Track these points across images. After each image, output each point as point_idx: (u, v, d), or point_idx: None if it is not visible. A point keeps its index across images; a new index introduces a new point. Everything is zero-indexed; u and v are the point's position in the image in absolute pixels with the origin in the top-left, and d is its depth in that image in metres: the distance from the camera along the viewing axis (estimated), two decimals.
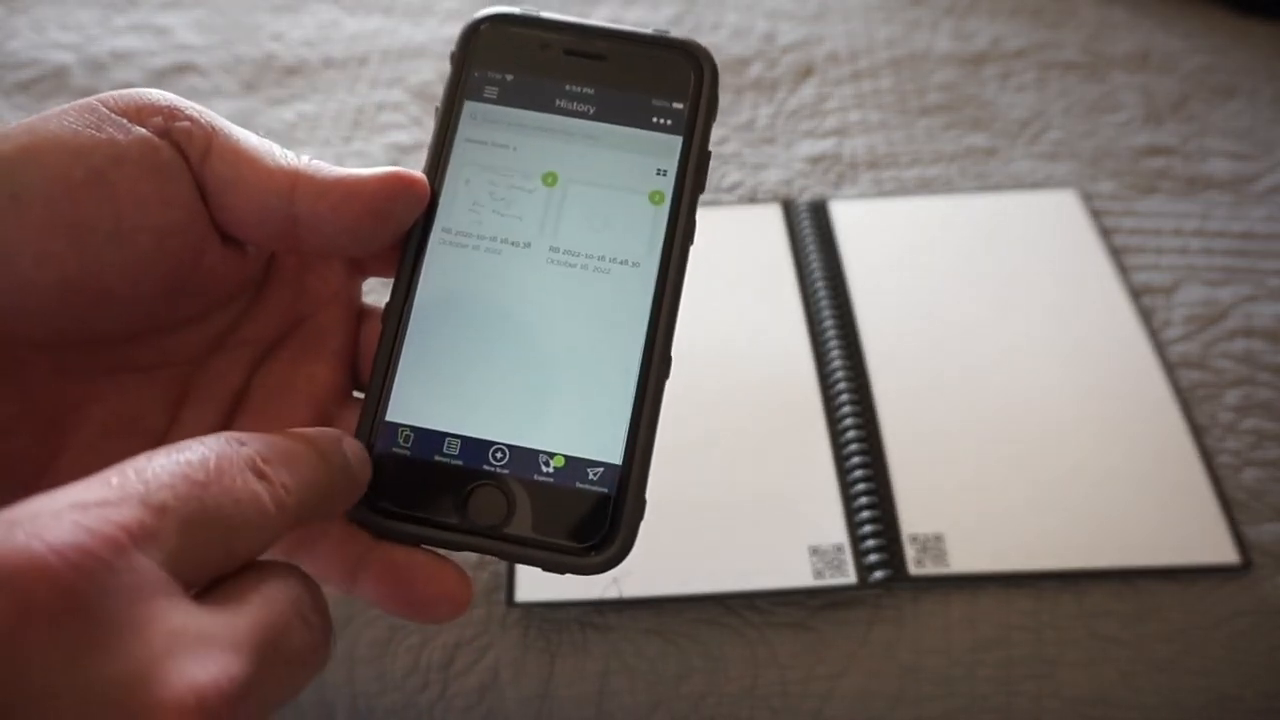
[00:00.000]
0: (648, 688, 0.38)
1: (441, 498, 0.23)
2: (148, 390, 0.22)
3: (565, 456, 0.23)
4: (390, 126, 0.61)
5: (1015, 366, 0.46)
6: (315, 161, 0.21)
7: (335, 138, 0.60)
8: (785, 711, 0.37)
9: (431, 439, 0.23)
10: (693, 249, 0.26)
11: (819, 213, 0.54)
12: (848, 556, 0.39)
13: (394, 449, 0.23)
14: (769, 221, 0.53)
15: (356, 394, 0.25)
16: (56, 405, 0.20)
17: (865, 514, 0.40)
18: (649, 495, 0.23)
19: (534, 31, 0.26)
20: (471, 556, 0.33)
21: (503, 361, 0.23)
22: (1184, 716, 0.37)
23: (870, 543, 0.39)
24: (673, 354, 0.24)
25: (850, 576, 0.38)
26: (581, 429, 0.23)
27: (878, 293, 0.49)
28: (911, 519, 0.40)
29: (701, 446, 0.43)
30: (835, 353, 0.46)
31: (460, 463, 0.23)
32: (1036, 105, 0.62)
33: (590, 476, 0.23)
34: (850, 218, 0.54)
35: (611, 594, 0.38)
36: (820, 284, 0.49)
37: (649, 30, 0.25)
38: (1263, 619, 0.38)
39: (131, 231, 0.19)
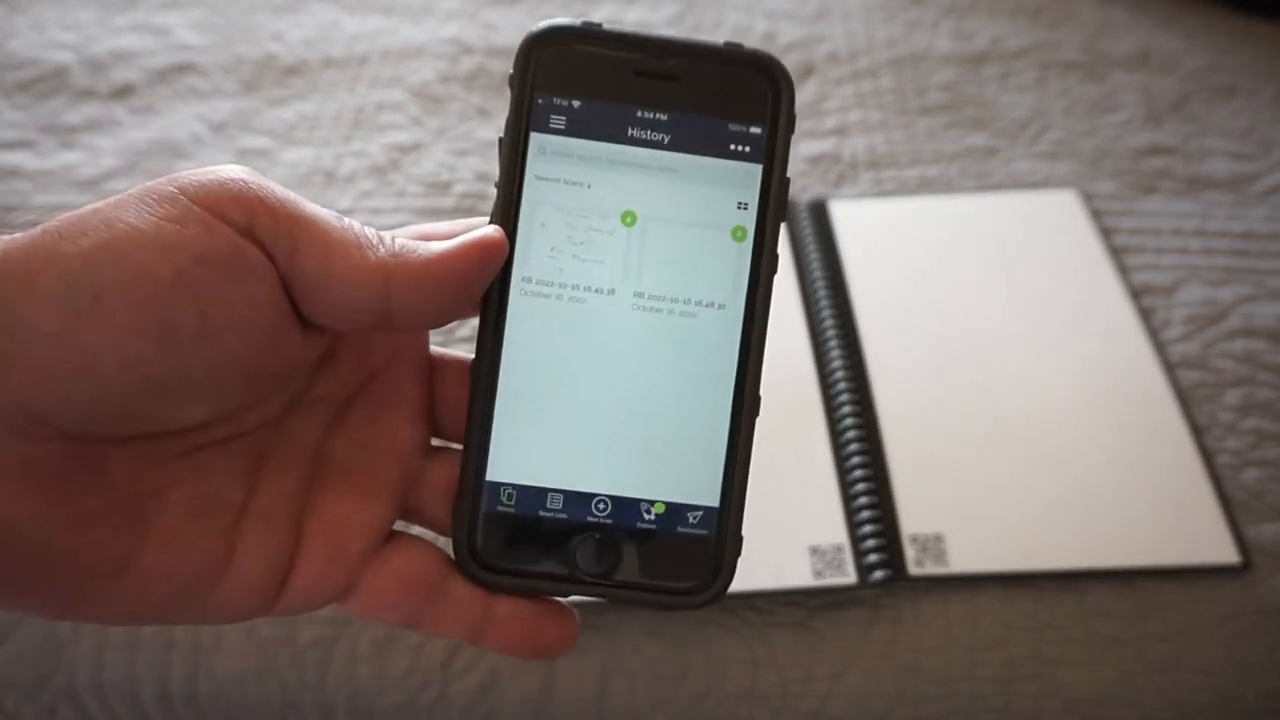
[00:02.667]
0: (647, 688, 0.38)
1: (550, 551, 0.23)
2: (225, 464, 0.21)
3: (665, 503, 0.23)
4: (390, 126, 0.61)
5: (1015, 367, 0.46)
6: (401, 242, 0.21)
7: (335, 137, 0.60)
8: (785, 711, 0.37)
9: (534, 495, 0.23)
10: None
11: (819, 213, 0.54)
12: (848, 556, 0.39)
13: (499, 508, 0.23)
14: None
15: (435, 441, 0.25)
16: (138, 494, 0.19)
17: (865, 514, 0.40)
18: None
19: (599, 49, 0.24)
20: None
21: (596, 413, 0.23)
22: (1184, 716, 0.37)
23: (870, 543, 0.39)
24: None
25: (850, 576, 0.38)
26: (679, 475, 0.24)
27: (878, 293, 0.49)
28: (911, 519, 0.40)
29: None
30: (835, 353, 0.46)
31: (565, 516, 0.23)
32: (1036, 105, 0.62)
33: (691, 520, 0.24)
34: (850, 218, 0.54)
35: None
36: (820, 284, 0.49)
37: (721, 44, 0.24)
38: (1263, 619, 0.38)
39: (217, 331, 0.19)
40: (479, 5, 0.71)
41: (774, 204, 0.24)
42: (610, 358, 0.23)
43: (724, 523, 0.24)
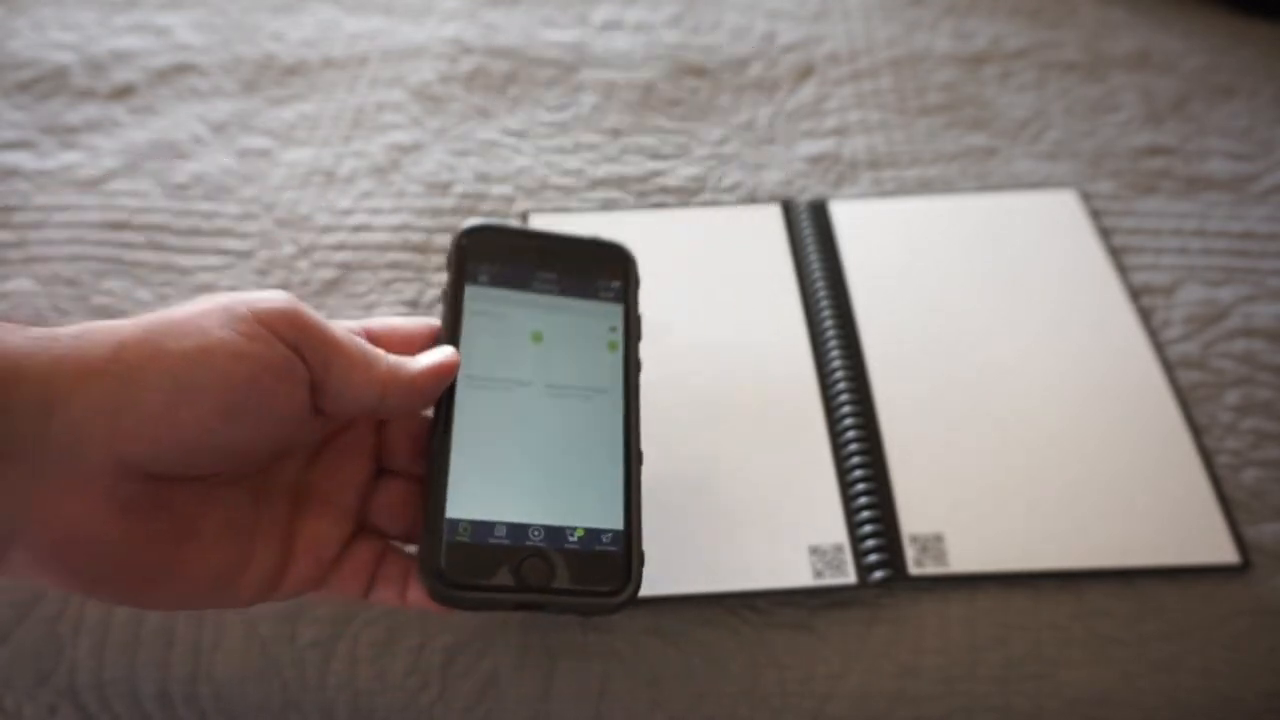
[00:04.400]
0: (647, 688, 0.38)
1: (499, 570, 0.30)
2: (240, 495, 0.29)
3: (584, 528, 0.31)
4: (390, 126, 0.61)
5: (1015, 366, 0.46)
6: (393, 360, 0.30)
7: (335, 137, 0.60)
8: (785, 711, 0.37)
9: (484, 527, 0.30)
10: (694, 249, 0.42)
11: (819, 213, 0.54)
12: (847, 556, 0.39)
13: (457, 538, 0.30)
14: (769, 221, 0.54)
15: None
16: (191, 517, 0.27)
17: (865, 514, 0.40)
18: (645, 548, 0.32)
19: (506, 238, 0.36)
20: None
21: (525, 465, 0.32)
22: (1184, 716, 0.37)
23: (870, 543, 0.39)
24: (642, 443, 0.34)
25: (850, 576, 0.39)
26: (591, 507, 0.31)
27: (878, 293, 0.49)
28: (911, 519, 0.40)
29: (701, 446, 0.43)
30: (835, 353, 0.46)
31: (509, 542, 0.30)
32: (1036, 105, 0.62)
33: (604, 540, 0.31)
34: (850, 218, 0.54)
35: None
36: (820, 284, 0.49)
37: (588, 236, 0.37)
38: (1263, 619, 0.38)
39: (267, 417, 0.27)
40: (479, 5, 0.71)
41: (633, 328, 0.35)
42: (532, 426, 0.32)
43: (629, 541, 0.31)
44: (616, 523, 0.31)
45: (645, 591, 0.38)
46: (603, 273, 0.36)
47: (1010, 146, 0.59)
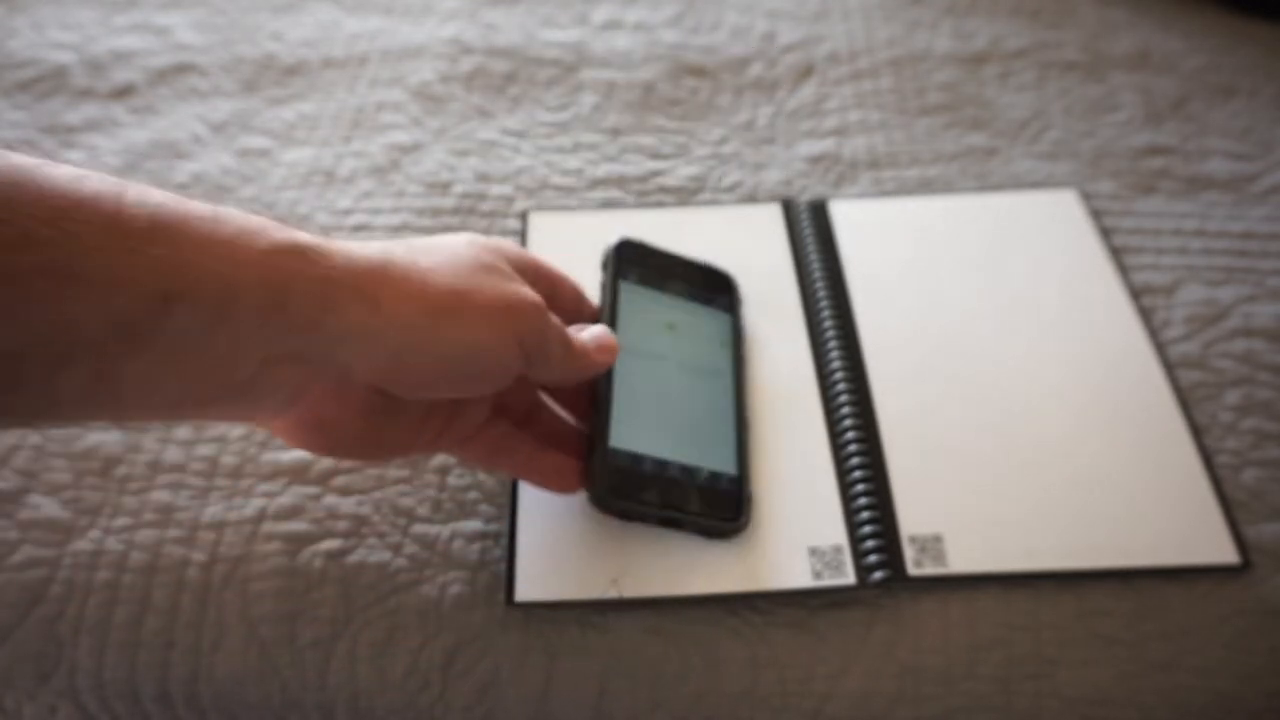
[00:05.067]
0: (647, 688, 0.38)
1: (648, 490, 0.38)
2: (475, 418, 0.38)
3: (709, 470, 0.40)
4: (390, 127, 0.61)
5: (1015, 366, 0.46)
6: (575, 340, 0.36)
7: (335, 138, 0.60)
8: (785, 711, 0.37)
9: (638, 458, 0.39)
10: (693, 249, 0.49)
11: (819, 213, 0.54)
12: (846, 557, 0.39)
13: (617, 463, 0.38)
14: (769, 221, 0.54)
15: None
16: (417, 417, 0.35)
17: (864, 515, 0.40)
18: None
19: (646, 251, 0.46)
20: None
21: (666, 417, 0.40)
22: (1183, 716, 0.37)
23: (869, 543, 0.39)
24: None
25: (849, 577, 0.39)
26: (714, 455, 0.40)
27: (877, 292, 0.49)
28: (910, 519, 0.40)
29: None
30: (834, 352, 0.46)
31: (655, 471, 0.39)
32: (1036, 105, 0.62)
33: (723, 481, 0.40)
34: (850, 218, 0.54)
35: (611, 594, 0.38)
36: (820, 284, 0.49)
37: (704, 261, 0.48)
38: (1262, 619, 0.38)
39: (484, 385, 0.34)
40: (479, 5, 0.71)
41: (740, 333, 0.46)
42: (670, 390, 0.41)
43: (741, 484, 0.40)
44: (732, 469, 0.40)
45: (645, 592, 0.38)
46: (716, 289, 0.47)
47: (1010, 146, 0.59)
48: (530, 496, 0.41)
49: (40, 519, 0.42)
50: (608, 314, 0.42)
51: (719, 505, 0.39)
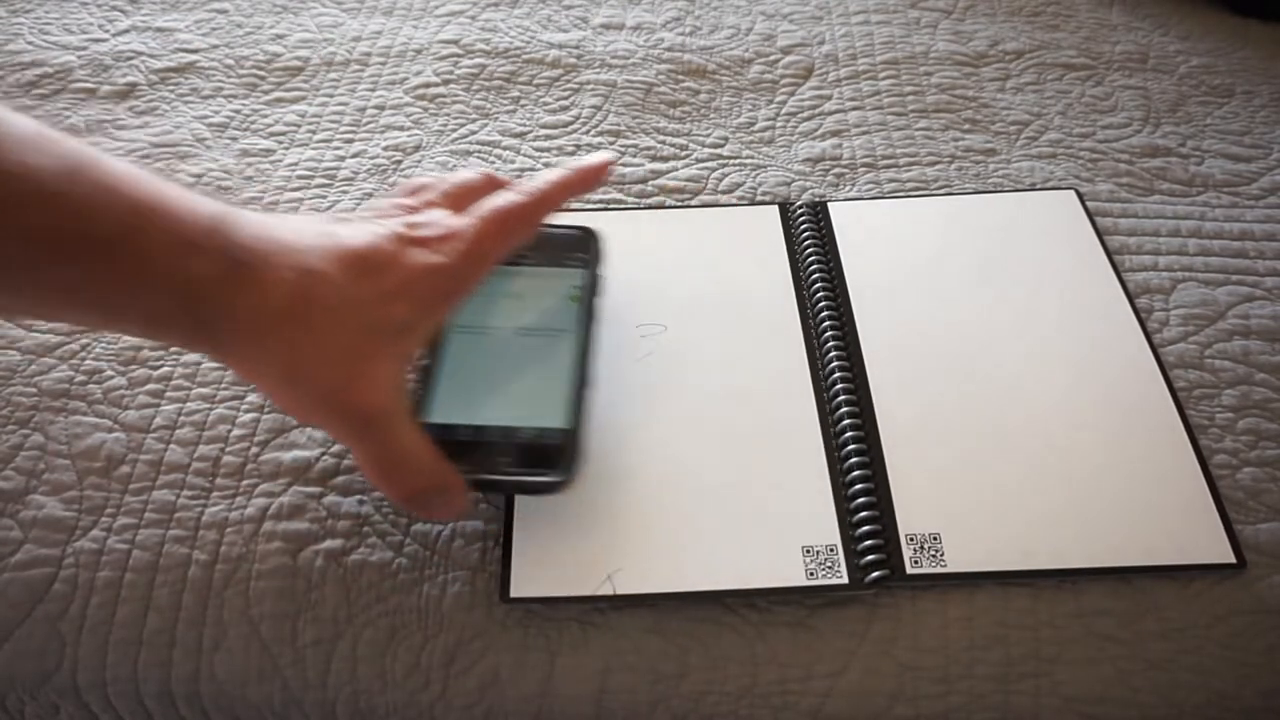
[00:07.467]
0: (647, 686, 0.38)
1: (460, 460, 0.37)
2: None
3: (536, 428, 0.40)
4: (391, 127, 0.61)
5: (1013, 366, 0.46)
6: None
7: (336, 138, 0.60)
8: (784, 709, 0.38)
9: (449, 428, 0.39)
10: (692, 250, 0.50)
11: (818, 213, 0.54)
12: (840, 557, 0.39)
13: (443, 436, 0.38)
14: (768, 222, 0.54)
15: None
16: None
17: (863, 514, 0.40)
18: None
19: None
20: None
21: (493, 384, 0.41)
22: (1181, 715, 0.37)
23: (868, 542, 0.40)
24: (597, 374, 0.43)
25: (842, 577, 0.39)
26: (544, 412, 0.40)
27: (876, 292, 0.50)
28: (909, 518, 0.41)
29: (698, 444, 0.43)
30: (833, 352, 0.46)
31: (472, 437, 0.39)
32: (1035, 106, 0.63)
33: (552, 436, 0.40)
34: (849, 218, 0.54)
35: (605, 590, 0.38)
36: (819, 284, 0.50)
37: (562, 224, 0.46)
38: (1259, 618, 0.39)
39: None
40: (479, 6, 0.72)
41: (593, 285, 0.45)
42: (500, 359, 0.42)
43: (572, 437, 0.40)
44: (562, 423, 0.40)
45: (640, 589, 0.38)
46: (570, 248, 0.46)
47: (1009, 147, 0.59)
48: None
49: (43, 518, 0.42)
50: None
51: (542, 461, 0.39)
